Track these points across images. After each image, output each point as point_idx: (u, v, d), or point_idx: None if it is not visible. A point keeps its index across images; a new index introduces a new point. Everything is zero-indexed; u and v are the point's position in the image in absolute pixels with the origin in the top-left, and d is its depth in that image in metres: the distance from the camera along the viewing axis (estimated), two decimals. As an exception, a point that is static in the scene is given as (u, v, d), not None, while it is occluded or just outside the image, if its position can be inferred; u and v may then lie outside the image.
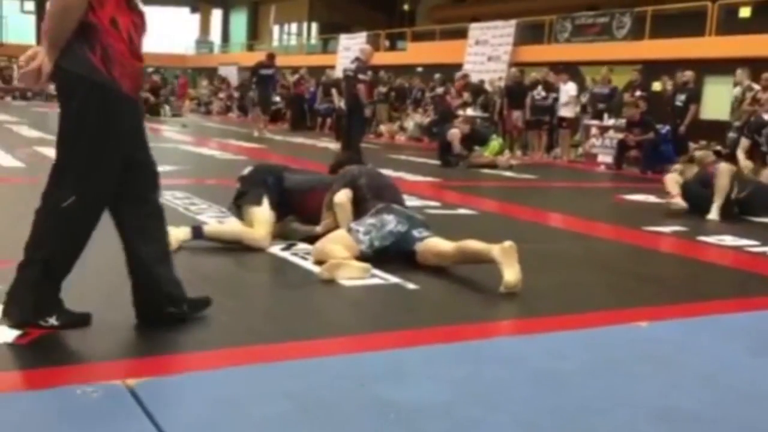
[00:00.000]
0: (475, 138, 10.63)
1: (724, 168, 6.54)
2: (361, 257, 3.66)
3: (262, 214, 4.07)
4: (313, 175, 4.59)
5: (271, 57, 15.15)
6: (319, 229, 4.13)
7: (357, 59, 10.03)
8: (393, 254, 3.77)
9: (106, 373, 2.12)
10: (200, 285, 3.30)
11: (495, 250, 3.38)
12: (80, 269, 3.41)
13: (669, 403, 2.17)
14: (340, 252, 3.60)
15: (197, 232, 3.90)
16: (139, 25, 2.49)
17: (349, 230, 3.79)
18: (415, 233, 3.80)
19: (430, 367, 2.36)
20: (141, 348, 2.42)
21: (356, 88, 9.59)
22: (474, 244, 3.56)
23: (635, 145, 11.12)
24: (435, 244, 3.74)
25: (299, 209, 4.34)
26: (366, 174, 4.21)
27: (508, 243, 3.38)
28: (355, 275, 3.45)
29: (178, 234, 3.78)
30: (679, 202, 6.47)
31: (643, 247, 4.98)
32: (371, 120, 15.40)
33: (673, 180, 6.74)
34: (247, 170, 4.41)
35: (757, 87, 10.23)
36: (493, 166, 10.20)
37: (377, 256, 3.70)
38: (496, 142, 10.74)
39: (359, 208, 3.96)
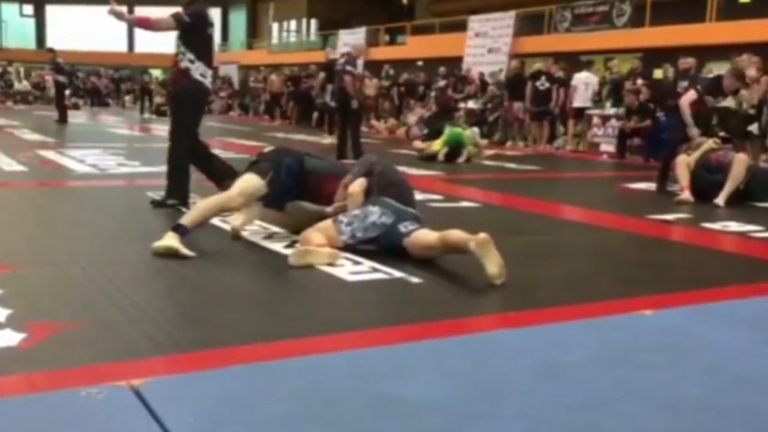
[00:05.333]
0: (432, 130, 10.51)
1: (741, 157, 6.51)
2: (344, 248, 3.72)
3: (248, 180, 4.05)
4: (332, 162, 4.60)
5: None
6: (329, 210, 4.13)
7: (347, 54, 10.22)
8: (385, 248, 3.77)
9: (110, 374, 2.12)
10: (201, 284, 3.31)
11: (471, 243, 3.33)
12: (85, 270, 3.43)
13: (675, 391, 2.16)
14: (318, 239, 3.67)
15: (183, 229, 3.75)
16: None
17: (335, 220, 3.82)
18: (401, 228, 3.76)
19: (435, 361, 2.36)
20: (145, 348, 2.41)
21: (344, 81, 9.66)
22: (454, 235, 3.50)
23: (632, 132, 11.14)
24: (421, 237, 3.70)
25: (317, 191, 4.27)
26: (382, 165, 4.19)
27: (482, 235, 3.32)
28: (323, 261, 3.53)
29: (172, 244, 3.64)
30: (688, 197, 6.41)
31: (647, 236, 4.97)
32: (363, 113, 15.22)
33: (683, 164, 6.64)
34: (268, 148, 4.46)
35: None
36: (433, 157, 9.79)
37: (359, 247, 3.75)
38: (446, 130, 10.13)
39: (366, 199, 3.97)
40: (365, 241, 3.79)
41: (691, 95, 7.12)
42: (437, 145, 9.97)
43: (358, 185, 4.00)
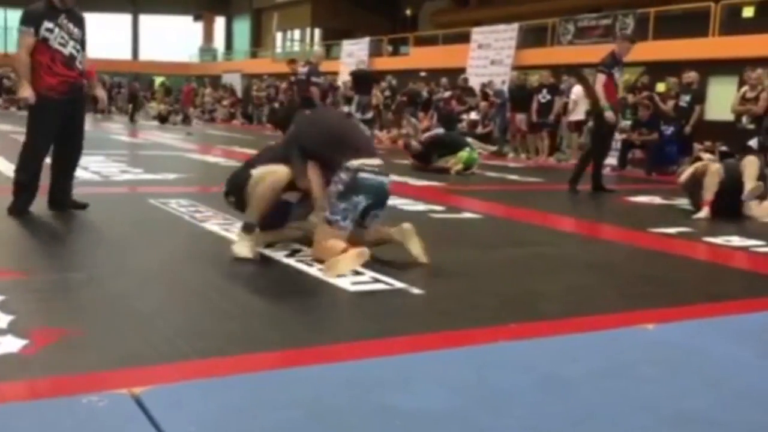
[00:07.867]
0: (446, 144, 10.39)
1: (713, 169, 6.37)
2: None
3: (271, 168, 3.99)
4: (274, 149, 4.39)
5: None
6: (312, 218, 4.17)
7: (309, 63, 10.27)
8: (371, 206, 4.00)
9: (111, 381, 2.12)
10: (203, 293, 3.30)
11: (394, 232, 3.92)
12: (88, 278, 3.43)
13: (678, 406, 2.16)
14: (338, 244, 3.73)
15: (249, 227, 3.94)
16: None
17: (330, 223, 3.85)
18: (370, 216, 4.01)
19: (437, 372, 2.35)
20: (146, 356, 2.41)
21: (309, 92, 9.72)
22: (383, 229, 4.04)
23: (640, 144, 11.19)
24: (372, 231, 4.03)
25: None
26: (306, 127, 4.12)
27: (406, 225, 3.93)
28: (355, 264, 3.62)
29: (242, 251, 3.86)
30: (707, 214, 6.17)
31: (649, 249, 4.96)
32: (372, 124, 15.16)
33: (716, 173, 6.28)
34: (255, 153, 4.52)
35: None
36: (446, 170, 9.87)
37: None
38: (464, 153, 10.16)
39: (326, 170, 3.97)
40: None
41: (600, 78, 7.99)
42: (453, 163, 9.99)
43: (313, 181, 3.97)
